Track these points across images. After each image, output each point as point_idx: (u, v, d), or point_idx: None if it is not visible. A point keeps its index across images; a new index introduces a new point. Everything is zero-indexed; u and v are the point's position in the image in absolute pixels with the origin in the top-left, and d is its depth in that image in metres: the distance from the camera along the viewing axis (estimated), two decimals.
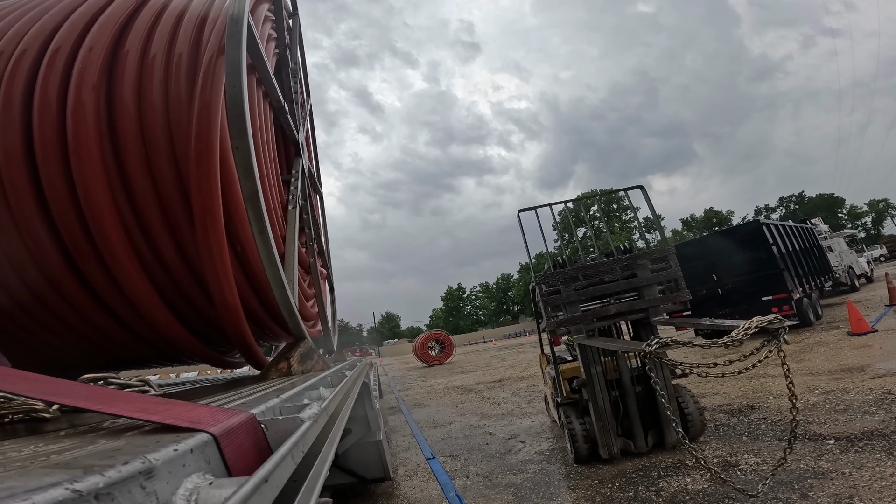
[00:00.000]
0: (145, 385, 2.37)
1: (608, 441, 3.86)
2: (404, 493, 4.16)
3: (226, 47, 2.46)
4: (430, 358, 22.01)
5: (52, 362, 3.32)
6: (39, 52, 2.65)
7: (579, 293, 4.00)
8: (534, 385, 9.17)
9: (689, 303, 3.96)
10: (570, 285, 4.00)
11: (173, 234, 2.69)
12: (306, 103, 5.86)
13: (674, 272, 3.97)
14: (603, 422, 3.86)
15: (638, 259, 4.05)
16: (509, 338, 48.58)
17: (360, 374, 3.26)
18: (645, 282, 3.99)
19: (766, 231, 10.19)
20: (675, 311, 5.88)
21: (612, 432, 3.87)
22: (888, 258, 35.65)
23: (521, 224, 4.77)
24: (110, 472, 0.48)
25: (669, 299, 3.95)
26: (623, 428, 3.98)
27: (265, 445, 0.85)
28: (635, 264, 4.04)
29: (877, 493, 2.65)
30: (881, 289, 14.81)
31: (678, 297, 3.93)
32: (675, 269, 3.98)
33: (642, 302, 3.95)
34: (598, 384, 3.90)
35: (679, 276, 3.98)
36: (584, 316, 3.94)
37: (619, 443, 3.92)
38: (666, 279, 4.02)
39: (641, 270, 4.01)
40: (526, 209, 4.79)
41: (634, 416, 3.92)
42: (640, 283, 3.99)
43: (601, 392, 3.90)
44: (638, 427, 3.91)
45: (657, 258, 4.07)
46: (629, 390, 3.97)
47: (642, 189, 4.81)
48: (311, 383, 1.63)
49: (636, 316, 4.02)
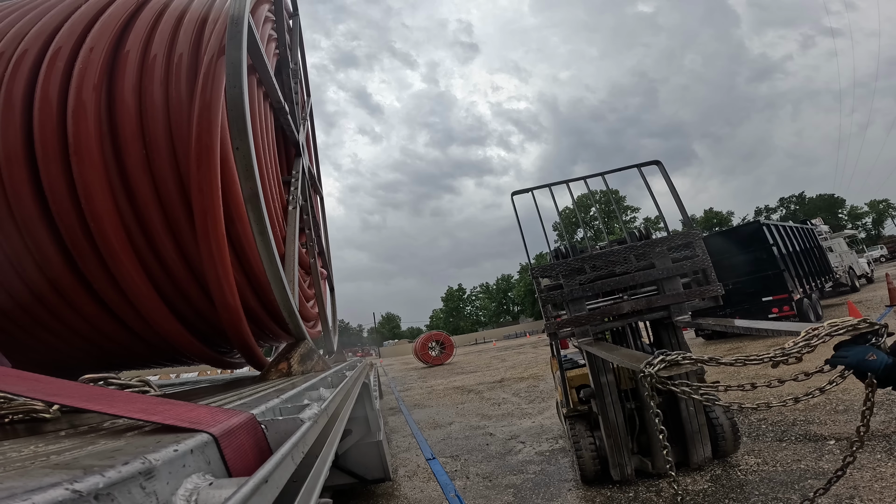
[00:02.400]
0: (145, 385, 2.37)
1: (621, 460, 3.33)
2: (404, 493, 4.15)
3: (226, 48, 2.46)
4: (430, 358, 22.00)
5: (53, 362, 3.32)
6: (40, 52, 2.65)
7: (585, 288, 3.38)
8: (534, 386, 9.17)
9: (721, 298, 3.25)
10: (573, 278, 3.39)
11: (173, 234, 2.69)
12: (307, 104, 5.86)
13: (701, 261, 3.25)
14: (615, 438, 3.30)
15: (656, 246, 3.33)
16: (509, 338, 48.55)
17: (361, 374, 3.26)
18: (665, 273, 3.26)
19: (766, 231, 10.19)
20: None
21: (626, 450, 3.34)
22: (888, 259, 35.63)
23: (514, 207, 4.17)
24: (110, 472, 0.48)
25: (696, 294, 3.21)
26: (640, 444, 3.46)
27: (265, 446, 0.85)
28: (653, 252, 3.32)
29: (877, 493, 2.64)
30: (881, 289, 14.80)
31: (707, 290, 3.19)
32: (703, 256, 3.25)
33: (662, 298, 3.25)
34: (610, 395, 3.33)
35: (708, 264, 3.25)
36: (590, 315, 3.32)
37: (633, 461, 3.39)
38: (692, 269, 3.30)
39: (661, 260, 3.30)
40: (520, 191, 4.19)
41: (653, 432, 3.27)
42: (660, 275, 3.28)
43: (613, 404, 3.33)
44: (657, 444, 3.21)
45: (680, 245, 3.35)
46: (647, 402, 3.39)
47: (660, 164, 4.01)
48: (311, 384, 1.63)
49: (655, 315, 3.34)
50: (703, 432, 3.31)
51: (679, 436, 3.35)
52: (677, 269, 3.30)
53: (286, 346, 3.08)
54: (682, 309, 3.33)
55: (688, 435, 3.31)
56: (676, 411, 3.33)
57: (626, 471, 3.35)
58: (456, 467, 4.66)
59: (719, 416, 3.43)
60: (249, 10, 2.71)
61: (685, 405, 3.29)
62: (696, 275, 3.38)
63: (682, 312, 3.35)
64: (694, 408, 3.29)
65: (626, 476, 3.36)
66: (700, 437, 3.30)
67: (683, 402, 3.25)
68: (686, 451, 3.34)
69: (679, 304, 3.28)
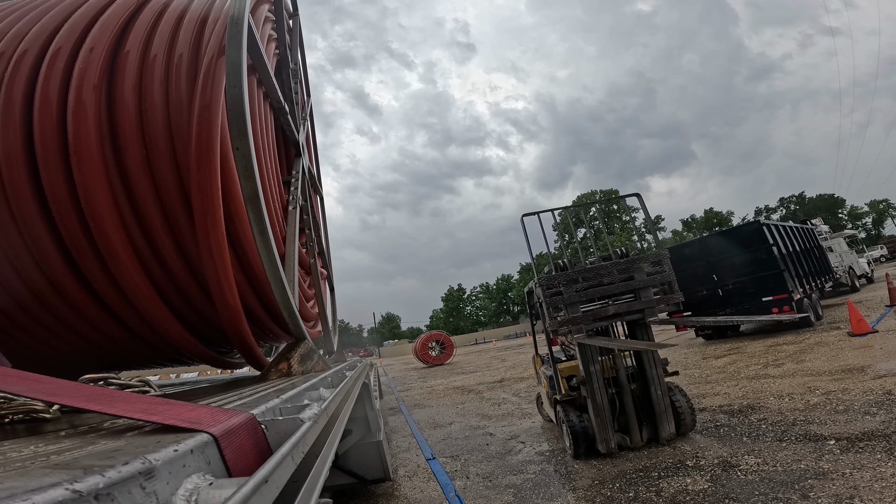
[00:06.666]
0: (145, 385, 2.37)
1: (606, 436, 4.06)
2: (404, 493, 4.15)
3: (226, 48, 2.46)
4: (430, 358, 22.01)
5: (53, 362, 3.32)
6: (40, 52, 2.66)
7: (579, 294, 4.17)
8: (534, 386, 9.16)
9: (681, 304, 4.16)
10: (571, 287, 4.17)
11: (174, 234, 2.69)
12: (306, 104, 5.86)
13: (668, 275, 4.20)
14: (601, 417, 4.07)
15: (635, 263, 4.25)
16: (509, 338, 48.57)
17: (361, 374, 3.26)
18: (641, 284, 4.18)
19: (766, 231, 10.18)
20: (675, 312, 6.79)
21: (610, 428, 4.08)
22: (888, 259, 35.63)
23: (524, 227, 4.95)
24: (110, 472, 0.48)
25: (664, 301, 4.18)
26: (619, 424, 4.20)
27: (265, 446, 0.85)
28: (632, 267, 4.23)
29: (877, 493, 2.64)
30: (881, 289, 14.80)
31: (672, 298, 4.19)
32: (669, 272, 4.22)
33: (639, 303, 4.14)
34: (597, 382, 4.11)
35: (673, 279, 4.22)
36: (584, 316, 4.11)
37: (615, 438, 4.10)
38: (661, 282, 4.22)
39: (638, 273, 4.21)
40: (529, 214, 4.96)
41: (630, 413, 4.15)
42: (637, 286, 4.18)
43: (599, 389, 4.11)
44: (634, 422, 4.13)
45: (653, 262, 4.28)
46: (625, 387, 4.19)
47: (639, 196, 4.95)
48: (311, 384, 1.63)
49: (633, 316, 4.21)
50: (668, 413, 4.15)
51: (650, 416, 4.20)
52: (650, 281, 4.20)
53: (286, 347, 3.08)
54: (654, 312, 4.19)
55: (657, 414, 4.13)
56: (648, 396, 4.17)
57: (611, 445, 4.07)
58: (456, 467, 4.66)
59: (680, 399, 4.20)
60: (249, 10, 2.71)
61: (654, 390, 4.13)
62: (664, 286, 4.24)
63: (653, 314, 4.21)
64: (661, 392, 4.13)
65: (610, 449, 4.07)
66: (666, 417, 4.15)
67: (653, 387, 4.14)
68: (656, 428, 4.16)
69: (651, 308, 4.17)
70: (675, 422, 4.15)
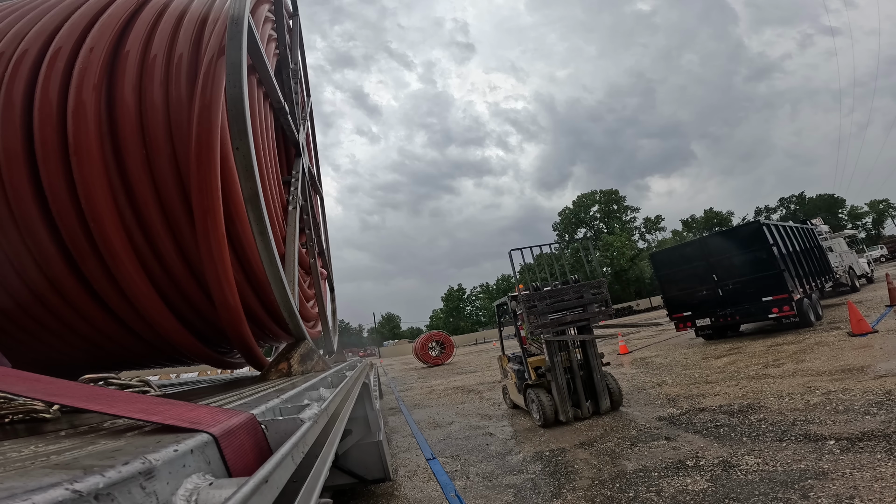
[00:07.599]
0: (145, 385, 2.37)
1: (565, 409, 5.68)
2: (404, 493, 4.15)
3: (226, 48, 2.46)
4: (430, 358, 22.00)
5: (53, 362, 3.32)
6: (40, 52, 2.65)
7: (548, 307, 5.91)
8: None
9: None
10: (543, 302, 5.94)
11: (174, 234, 2.69)
12: (306, 104, 5.86)
13: (605, 295, 6.13)
14: (562, 395, 5.70)
15: (584, 286, 6.10)
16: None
17: (361, 374, 3.26)
18: (587, 301, 6.04)
19: (766, 231, 10.17)
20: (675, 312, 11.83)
21: (568, 403, 5.72)
22: (888, 259, 35.62)
23: (511, 260, 6.49)
24: (110, 472, 0.48)
25: (602, 313, 6.11)
26: (572, 401, 5.81)
27: (265, 446, 0.85)
28: (582, 290, 6.07)
29: (877, 493, 2.64)
30: (881, 289, 14.80)
31: (607, 312, 6.16)
32: (606, 293, 6.16)
33: (586, 315, 5.99)
34: (559, 370, 5.74)
35: (608, 298, 6.16)
36: (552, 322, 5.84)
37: (572, 411, 5.71)
38: (600, 300, 6.09)
39: (586, 294, 6.06)
40: (516, 249, 6.62)
41: (580, 392, 5.82)
42: (585, 302, 6.04)
43: (560, 375, 5.73)
44: (583, 399, 5.81)
45: (595, 287, 6.11)
46: (576, 374, 5.87)
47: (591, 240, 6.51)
48: (311, 384, 1.63)
49: (582, 323, 6.03)
50: (605, 392, 5.90)
51: (593, 394, 5.91)
52: (594, 299, 6.10)
53: (286, 346, 3.08)
54: (596, 320, 6.11)
55: (598, 393, 5.87)
56: (591, 380, 5.93)
57: (569, 415, 5.67)
58: (456, 467, 4.66)
59: (612, 383, 6.01)
60: (249, 10, 2.71)
61: (595, 375, 5.90)
62: (602, 303, 6.13)
63: (595, 321, 6.16)
64: (600, 376, 5.91)
65: (568, 419, 5.66)
66: (604, 395, 5.88)
67: (595, 374, 5.90)
68: (597, 403, 5.85)
69: (594, 316, 6.06)
70: (609, 399, 5.88)
